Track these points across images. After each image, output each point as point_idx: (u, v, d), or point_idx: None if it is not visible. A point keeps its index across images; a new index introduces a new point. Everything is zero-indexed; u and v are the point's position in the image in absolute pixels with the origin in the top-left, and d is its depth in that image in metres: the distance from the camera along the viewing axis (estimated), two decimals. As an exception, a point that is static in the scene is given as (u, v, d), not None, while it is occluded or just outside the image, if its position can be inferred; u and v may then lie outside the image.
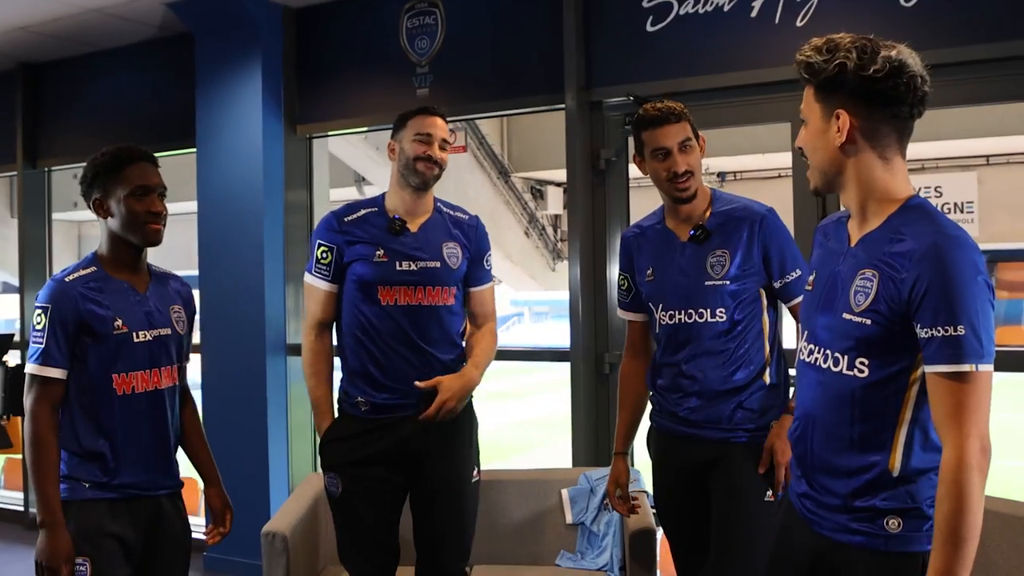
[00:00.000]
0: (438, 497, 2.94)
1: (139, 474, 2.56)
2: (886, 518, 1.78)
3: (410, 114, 2.99)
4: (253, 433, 5.11)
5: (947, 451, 1.67)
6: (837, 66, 1.76)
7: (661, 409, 2.81)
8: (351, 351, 2.94)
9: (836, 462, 1.83)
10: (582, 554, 3.80)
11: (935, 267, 1.68)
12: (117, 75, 5.91)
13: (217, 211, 5.26)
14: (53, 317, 2.46)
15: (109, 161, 2.56)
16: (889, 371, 1.76)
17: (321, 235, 2.95)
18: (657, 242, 2.82)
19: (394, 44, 4.92)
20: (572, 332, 4.41)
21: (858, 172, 1.80)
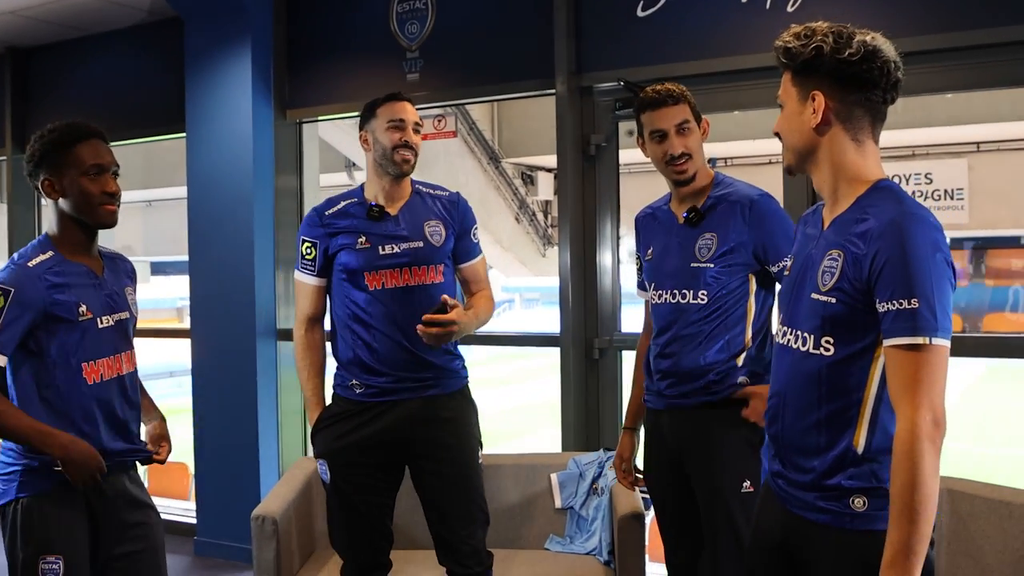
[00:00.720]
0: (442, 480, 2.93)
1: (107, 458, 2.45)
2: (851, 497, 1.82)
3: (377, 102, 2.99)
4: (243, 418, 5.11)
5: (900, 423, 1.71)
6: (814, 49, 1.82)
7: (648, 387, 2.86)
8: (343, 340, 2.95)
9: (806, 440, 1.88)
10: (571, 538, 3.81)
11: (893, 242, 1.73)
12: (106, 60, 5.87)
13: (207, 196, 5.24)
14: (15, 302, 2.32)
15: (59, 138, 2.42)
16: (854, 348, 1.81)
17: (304, 231, 2.99)
18: (662, 223, 2.86)
19: (384, 29, 4.90)
20: (562, 317, 4.42)
21: (831, 153, 1.86)
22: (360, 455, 2.91)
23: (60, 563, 2.37)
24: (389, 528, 2.99)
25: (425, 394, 2.92)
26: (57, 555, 2.37)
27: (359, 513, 2.93)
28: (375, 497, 2.94)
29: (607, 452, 3.98)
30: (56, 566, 2.37)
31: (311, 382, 3.00)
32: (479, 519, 2.98)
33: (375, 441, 2.90)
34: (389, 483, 2.99)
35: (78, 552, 2.42)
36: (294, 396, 5.30)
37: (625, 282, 4.66)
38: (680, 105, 2.74)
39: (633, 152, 5.29)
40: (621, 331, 4.44)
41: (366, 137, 2.99)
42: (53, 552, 2.38)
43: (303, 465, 3.98)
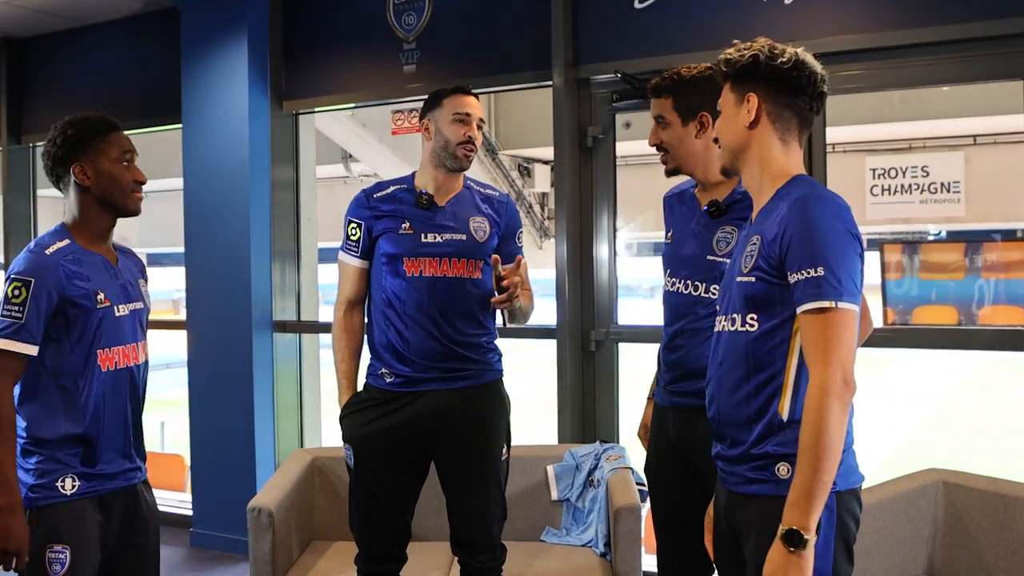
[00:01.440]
0: (461, 473, 2.94)
1: (118, 458, 2.51)
2: (777, 464, 1.97)
3: (444, 93, 2.99)
4: (239, 410, 5.10)
5: (811, 380, 1.87)
6: (752, 56, 2.05)
7: (656, 378, 2.81)
8: (377, 325, 2.96)
9: (738, 414, 2.03)
10: (567, 530, 3.82)
11: (798, 218, 1.92)
12: (102, 50, 5.85)
13: (203, 187, 5.23)
14: (37, 291, 2.36)
15: (93, 127, 2.50)
16: (774, 322, 1.98)
17: (351, 212, 3.00)
18: (685, 208, 2.80)
19: (381, 20, 4.89)
20: (559, 309, 4.42)
21: (760, 149, 2.07)
22: (386, 444, 2.91)
23: (67, 552, 2.38)
24: (408, 522, 2.99)
25: (454, 385, 2.91)
26: (64, 544, 2.39)
27: (378, 504, 2.93)
28: (396, 490, 2.94)
29: (603, 444, 3.98)
30: (63, 555, 2.38)
31: (344, 364, 3.00)
32: (496, 514, 2.98)
33: (402, 431, 2.90)
34: (413, 476, 2.98)
35: (86, 542, 2.43)
36: (290, 388, 5.30)
37: (622, 274, 4.65)
38: (660, 99, 2.70)
39: (629, 144, 5.30)
40: (618, 323, 4.44)
41: (428, 126, 2.99)
42: (61, 542, 2.39)
43: (300, 457, 3.97)
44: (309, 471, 3.89)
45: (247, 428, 5.09)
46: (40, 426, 2.41)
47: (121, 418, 2.52)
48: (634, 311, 4.50)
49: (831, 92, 4.14)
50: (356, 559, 3.01)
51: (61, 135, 2.50)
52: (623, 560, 3.36)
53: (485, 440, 2.96)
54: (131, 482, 2.56)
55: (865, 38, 3.84)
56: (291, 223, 5.33)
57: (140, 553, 2.59)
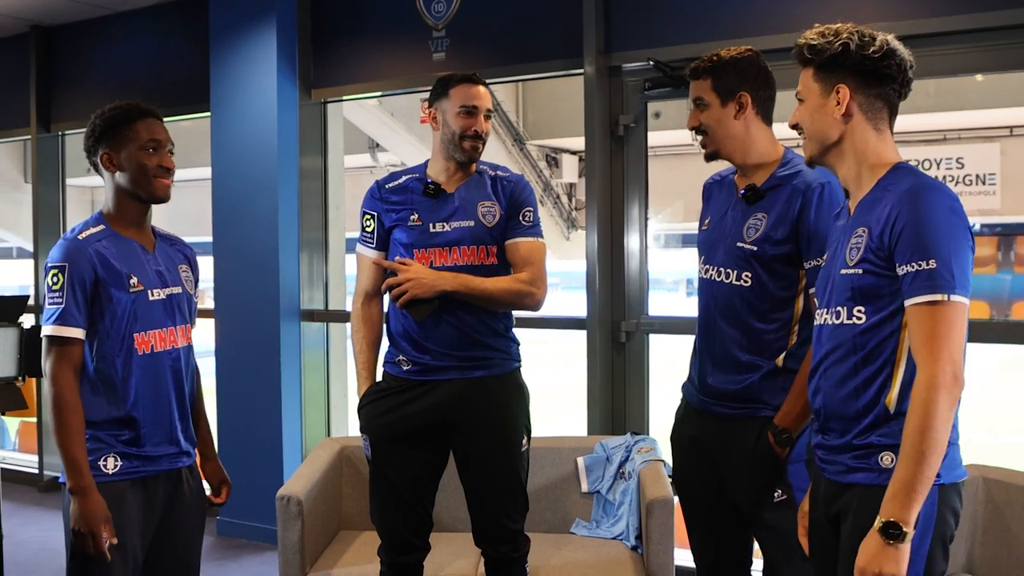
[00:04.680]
0: (479, 464, 2.91)
1: (163, 442, 2.53)
2: (881, 454, 1.94)
3: (451, 82, 2.92)
4: (266, 399, 5.10)
5: (919, 374, 1.85)
6: (842, 45, 2.00)
7: (690, 372, 2.75)
8: (395, 314, 2.93)
9: (846, 406, 1.99)
10: (597, 523, 3.78)
11: (910, 208, 1.88)
12: (131, 38, 5.85)
13: (231, 176, 5.22)
14: (71, 275, 2.41)
15: (120, 115, 2.52)
16: (883, 315, 1.94)
17: (365, 204, 2.99)
18: (724, 194, 2.73)
19: (410, 7, 4.85)
20: (589, 300, 4.37)
21: (854, 140, 2.04)
22: (403, 433, 2.88)
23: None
24: (429, 512, 2.96)
25: (472, 375, 2.88)
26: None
27: (398, 493, 2.90)
28: (415, 479, 2.91)
29: (634, 436, 3.94)
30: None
31: (363, 355, 2.99)
32: (519, 505, 2.94)
33: (418, 420, 2.87)
34: (431, 465, 2.95)
35: (126, 524, 2.44)
36: (318, 377, 5.29)
37: (653, 265, 4.60)
38: (699, 80, 2.63)
39: (658, 135, 5.22)
40: (648, 314, 4.39)
41: (435, 115, 2.94)
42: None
43: (328, 446, 3.95)
44: (337, 460, 3.87)
45: (274, 417, 5.08)
46: (85, 408, 2.44)
47: (164, 402, 2.53)
48: (665, 303, 4.44)
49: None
50: (379, 550, 2.99)
51: (92, 123, 2.55)
52: (655, 553, 3.31)
53: (505, 431, 2.92)
54: (175, 466, 2.57)
55: (900, 25, 3.75)
56: (319, 212, 5.31)
57: (181, 539, 2.60)
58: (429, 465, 2.94)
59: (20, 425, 7.87)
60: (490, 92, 2.99)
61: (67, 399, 2.39)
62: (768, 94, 2.66)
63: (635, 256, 4.40)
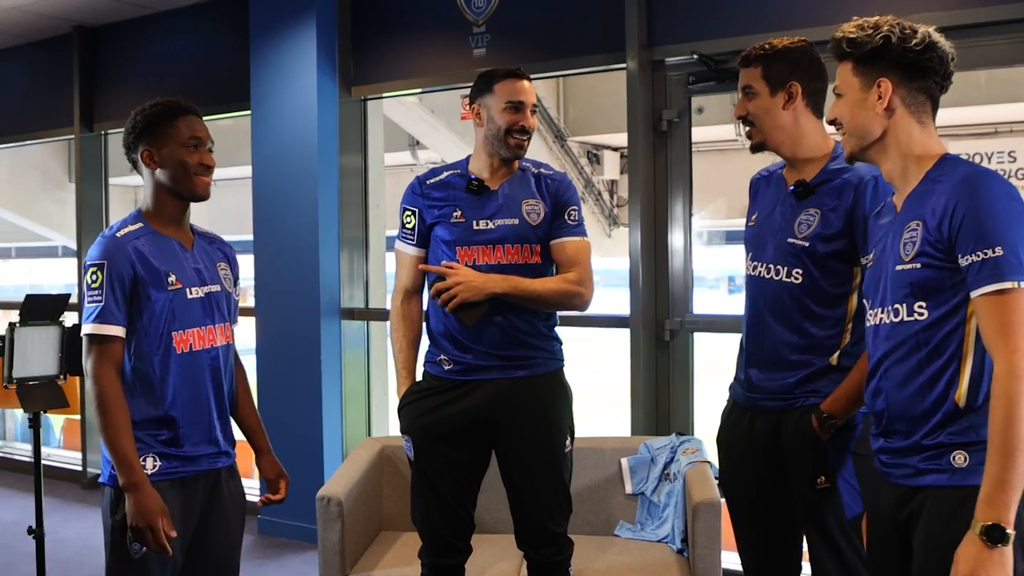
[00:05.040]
0: (521, 465, 2.85)
1: (202, 442, 2.50)
2: (952, 453, 1.87)
3: (495, 77, 2.87)
4: (307, 398, 5.09)
5: (998, 365, 1.78)
6: (883, 38, 1.96)
7: (737, 373, 2.67)
8: (436, 313, 2.89)
9: (912, 406, 1.93)
10: (642, 525, 3.71)
11: (968, 197, 1.83)
12: (172, 37, 5.87)
13: (272, 174, 5.21)
14: (110, 273, 2.39)
15: (161, 112, 2.51)
16: (946, 308, 1.88)
17: (405, 200, 2.94)
18: (772, 189, 2.65)
19: (450, 3, 4.81)
20: (632, 298, 4.30)
21: (898, 135, 1.99)
22: (444, 434, 2.84)
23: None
24: (471, 513, 2.91)
25: (515, 374, 2.83)
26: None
27: (440, 494, 2.86)
28: (457, 480, 2.87)
29: (679, 437, 3.87)
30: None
31: (403, 354, 2.94)
32: (562, 507, 2.89)
33: (460, 420, 2.83)
34: (473, 466, 2.90)
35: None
36: (358, 376, 5.27)
37: (697, 263, 4.52)
38: (749, 68, 2.56)
39: (701, 130, 5.13)
40: (692, 312, 4.31)
41: (479, 111, 2.89)
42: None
43: (368, 446, 3.92)
44: (378, 460, 3.84)
45: (315, 416, 5.07)
46: None
47: (203, 401, 2.51)
48: (701, 302, 4.37)
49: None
50: (419, 552, 2.95)
51: (132, 120, 2.53)
52: (702, 557, 3.24)
53: (548, 431, 2.87)
54: (215, 466, 2.55)
55: (949, 16, 3.65)
56: (359, 210, 5.29)
57: (220, 540, 2.58)
58: (471, 466, 2.89)
59: (64, 422, 7.95)
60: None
61: (111, 397, 2.38)
62: (820, 86, 2.58)
63: (679, 253, 4.33)
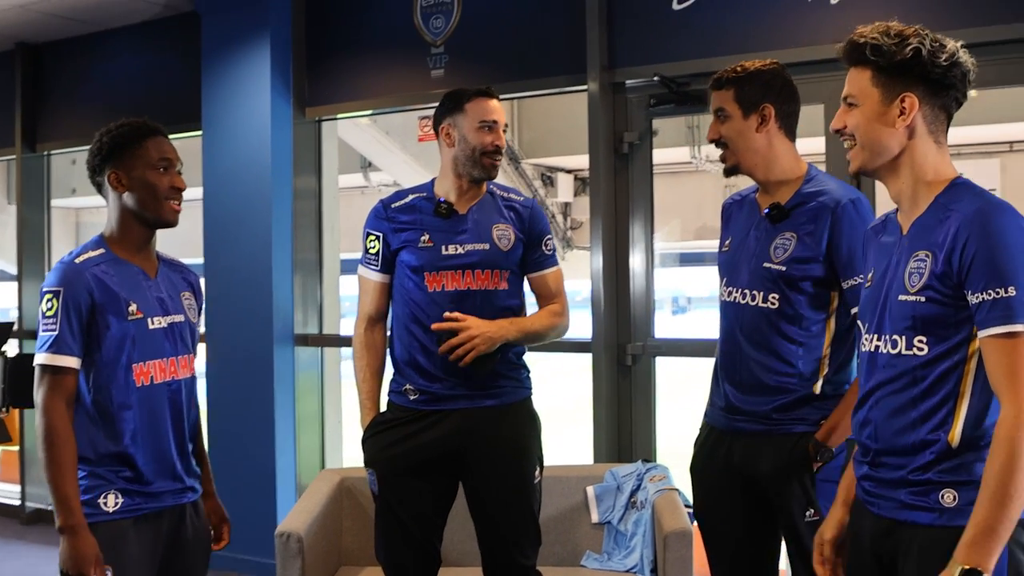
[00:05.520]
0: (491, 496, 2.77)
1: (164, 478, 2.38)
2: (941, 491, 1.79)
3: (465, 96, 2.81)
4: (259, 427, 4.94)
5: (1005, 410, 1.70)
6: (912, 50, 1.82)
7: (712, 398, 2.62)
8: (400, 341, 2.81)
9: (901, 440, 1.84)
10: (609, 555, 3.64)
11: (980, 232, 1.73)
12: (120, 56, 5.72)
13: (223, 196, 5.08)
14: (66, 301, 2.28)
15: (129, 133, 2.40)
16: (948, 345, 1.79)
17: (369, 224, 2.86)
18: (745, 213, 2.62)
19: (408, 23, 4.74)
20: (594, 322, 4.25)
21: (913, 156, 1.86)
22: (411, 466, 2.75)
23: (109, 574, 2.26)
24: (437, 548, 2.82)
25: (483, 404, 2.75)
26: (106, 566, 2.26)
27: (406, 529, 2.76)
28: (424, 513, 2.78)
29: (645, 464, 3.81)
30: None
31: (367, 384, 2.85)
32: (531, 540, 2.82)
33: (428, 452, 2.74)
34: (440, 499, 2.82)
35: (128, 563, 2.31)
36: (312, 404, 5.14)
37: (659, 285, 4.49)
38: (722, 91, 2.53)
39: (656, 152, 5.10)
40: (655, 336, 4.27)
41: (448, 131, 2.82)
42: (106, 562, 2.27)
43: (327, 478, 3.80)
44: (337, 493, 3.72)
45: (267, 445, 4.92)
46: (80, 443, 2.30)
47: (163, 436, 2.39)
48: (672, 325, 4.32)
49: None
50: None
51: (98, 141, 2.42)
52: (672, 588, 3.17)
53: (517, 462, 2.79)
54: (179, 502, 2.43)
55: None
56: (313, 233, 5.18)
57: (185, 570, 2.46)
58: (438, 499, 2.80)
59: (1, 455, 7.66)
60: None
61: (59, 432, 2.25)
62: (793, 108, 2.56)
63: (640, 276, 4.29)
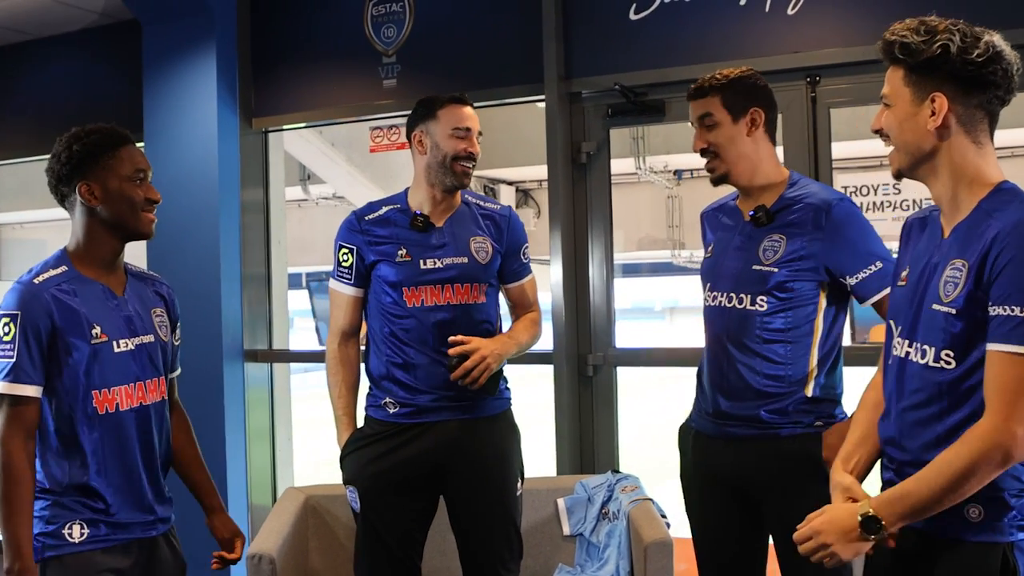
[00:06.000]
0: (473, 510, 2.73)
1: (133, 509, 2.26)
2: (967, 507, 1.73)
3: (438, 103, 2.77)
4: (209, 445, 4.67)
5: (986, 420, 1.67)
6: (940, 47, 1.74)
7: (697, 404, 2.62)
8: (376, 356, 2.75)
9: (926, 454, 1.78)
10: (581, 567, 3.61)
11: (1017, 244, 1.66)
12: (54, 66, 5.51)
13: (169, 209, 4.71)
14: (24, 325, 2.13)
15: (100, 141, 2.25)
16: (973, 360, 1.73)
17: (342, 236, 2.79)
18: (727, 220, 2.63)
19: (358, 32, 4.66)
20: (554, 333, 4.22)
21: (951, 157, 1.79)
22: (395, 482, 2.69)
23: None
24: (418, 566, 2.77)
25: (464, 416, 2.71)
26: None
27: (388, 549, 2.71)
28: (405, 531, 2.73)
29: (615, 474, 3.79)
30: None
31: (342, 399, 2.79)
32: (514, 553, 2.78)
33: (409, 467, 2.69)
34: (422, 516, 2.77)
35: None
36: (262, 419, 5.01)
37: (619, 295, 4.49)
38: (706, 98, 2.53)
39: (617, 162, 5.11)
40: (615, 347, 4.26)
41: (420, 138, 2.76)
42: None
43: (292, 496, 3.70)
44: (303, 512, 3.62)
45: (218, 464, 4.76)
46: (43, 473, 2.18)
47: (132, 465, 2.26)
48: (632, 334, 4.32)
49: (833, 106, 4.03)
50: None
51: (66, 151, 2.26)
52: (654, 598, 3.15)
53: (500, 474, 2.76)
54: (148, 534, 2.29)
55: (869, 50, 3.73)
56: (261, 247, 5.06)
57: None
58: (420, 515, 2.76)
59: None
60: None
61: (15, 468, 2.11)
62: (775, 113, 2.60)
63: (600, 287, 4.28)
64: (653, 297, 29.83)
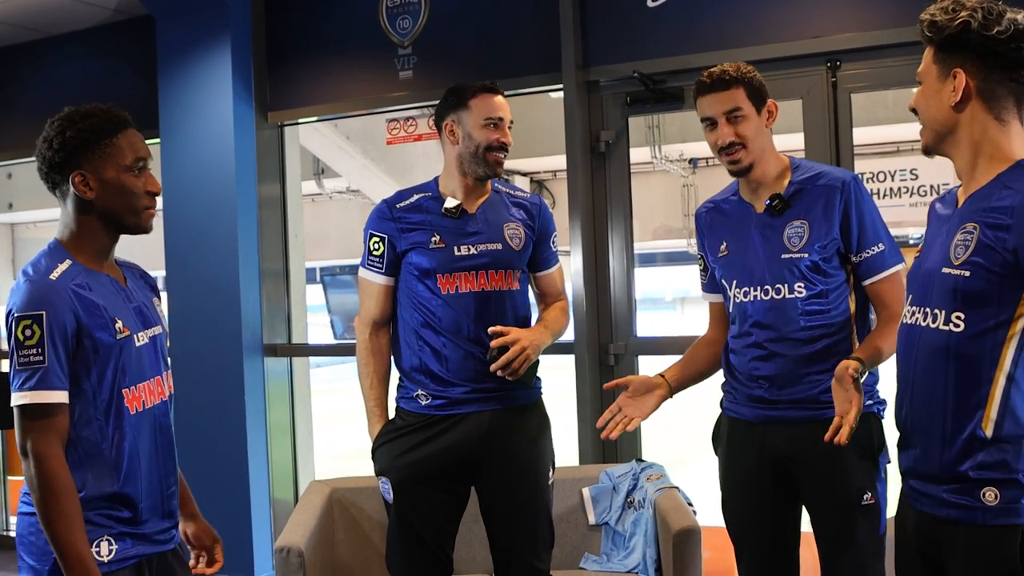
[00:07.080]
0: (508, 501, 2.72)
1: (160, 517, 2.12)
2: (982, 490, 1.74)
3: (470, 92, 2.74)
4: (230, 441, 4.80)
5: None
6: (961, 24, 1.76)
7: (734, 394, 2.59)
8: (408, 346, 2.73)
9: (932, 425, 1.80)
10: (607, 556, 3.60)
11: None
12: (69, 63, 5.51)
13: (185, 205, 4.91)
14: (51, 326, 1.94)
15: (97, 127, 2.04)
16: (986, 325, 1.73)
17: (372, 225, 2.76)
18: (733, 216, 2.61)
19: (373, 24, 4.65)
20: (575, 323, 4.20)
21: (971, 132, 1.80)
22: (426, 475, 2.68)
23: None
24: (451, 557, 2.76)
25: (496, 407, 2.70)
26: None
27: (422, 541, 2.69)
28: (438, 522, 2.71)
29: (640, 463, 3.78)
30: None
31: (374, 391, 2.76)
32: (547, 543, 2.77)
33: (442, 458, 2.67)
34: (455, 508, 2.76)
35: None
36: (282, 414, 5.02)
37: (640, 284, 4.47)
38: (731, 90, 2.50)
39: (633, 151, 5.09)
40: (636, 335, 4.25)
41: (451, 128, 2.74)
42: None
43: (318, 490, 3.69)
44: (328, 505, 3.62)
45: (240, 459, 4.78)
46: None
47: (157, 467, 2.12)
48: (653, 323, 4.30)
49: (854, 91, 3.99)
50: None
51: (59, 136, 2.04)
52: (683, 586, 3.14)
53: (534, 463, 2.75)
54: (166, 547, 2.15)
55: (890, 34, 3.71)
56: (279, 242, 5.05)
57: None
58: (453, 506, 2.75)
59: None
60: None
61: (62, 482, 1.93)
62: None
63: (621, 276, 4.26)
64: (663, 287, 29.84)
